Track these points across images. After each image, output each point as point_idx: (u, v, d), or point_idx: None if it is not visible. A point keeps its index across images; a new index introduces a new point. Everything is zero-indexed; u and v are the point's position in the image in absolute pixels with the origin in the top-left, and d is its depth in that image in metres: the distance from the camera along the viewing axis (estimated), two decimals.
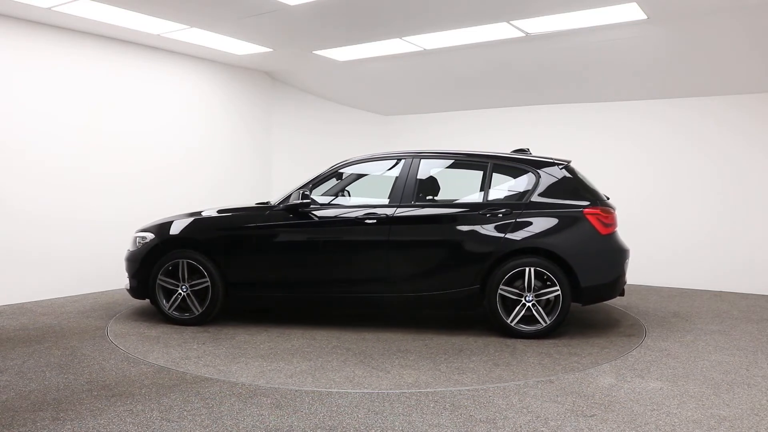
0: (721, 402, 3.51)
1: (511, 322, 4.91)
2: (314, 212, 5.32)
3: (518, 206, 5.04)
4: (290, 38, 6.63)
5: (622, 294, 5.24)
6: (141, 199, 7.14)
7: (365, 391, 3.67)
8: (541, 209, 5.02)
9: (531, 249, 4.94)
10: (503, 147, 6.27)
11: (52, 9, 5.71)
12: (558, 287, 4.85)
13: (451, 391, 3.67)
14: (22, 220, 6.12)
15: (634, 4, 5.21)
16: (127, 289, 5.59)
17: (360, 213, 5.24)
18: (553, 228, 4.96)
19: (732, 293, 7.02)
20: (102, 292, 6.72)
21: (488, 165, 5.29)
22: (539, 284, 4.91)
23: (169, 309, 5.37)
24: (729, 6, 5.22)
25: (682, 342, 4.87)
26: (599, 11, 5.40)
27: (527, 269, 4.89)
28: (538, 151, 5.73)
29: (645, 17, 5.51)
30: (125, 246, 6.99)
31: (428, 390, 3.68)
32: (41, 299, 6.28)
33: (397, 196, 5.26)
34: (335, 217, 5.30)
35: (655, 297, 6.81)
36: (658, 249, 7.53)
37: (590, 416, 3.27)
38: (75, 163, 6.53)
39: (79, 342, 4.72)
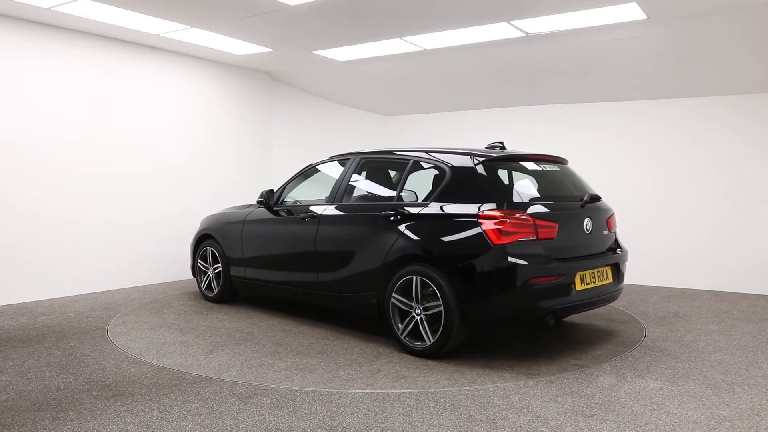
0: (721, 402, 3.51)
1: (402, 334, 4.44)
2: (281, 209, 5.64)
3: (418, 207, 4.52)
4: (290, 38, 6.63)
5: (551, 323, 4.19)
6: (142, 199, 7.15)
7: (365, 391, 3.67)
8: (437, 211, 4.38)
9: (415, 256, 4.38)
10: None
11: (52, 9, 5.71)
12: (440, 302, 4.19)
13: (451, 391, 3.67)
14: (22, 219, 6.12)
15: (634, 4, 5.21)
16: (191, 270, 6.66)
17: (304, 211, 5.37)
18: (440, 234, 4.29)
19: (732, 293, 7.02)
20: (102, 292, 6.72)
21: (408, 163, 4.86)
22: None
23: (202, 287, 6.41)
24: (729, 6, 5.22)
25: (682, 342, 4.87)
26: (599, 11, 5.41)
27: (414, 278, 4.36)
28: (540, 151, 5.71)
29: (645, 17, 5.51)
30: (125, 246, 7.16)
31: (428, 390, 3.68)
32: (41, 299, 6.28)
33: (332, 196, 5.26)
34: (285, 214, 5.58)
35: (655, 297, 6.81)
36: (658, 249, 7.53)
37: (590, 416, 3.27)
38: (75, 163, 6.53)
39: (79, 342, 4.72)
